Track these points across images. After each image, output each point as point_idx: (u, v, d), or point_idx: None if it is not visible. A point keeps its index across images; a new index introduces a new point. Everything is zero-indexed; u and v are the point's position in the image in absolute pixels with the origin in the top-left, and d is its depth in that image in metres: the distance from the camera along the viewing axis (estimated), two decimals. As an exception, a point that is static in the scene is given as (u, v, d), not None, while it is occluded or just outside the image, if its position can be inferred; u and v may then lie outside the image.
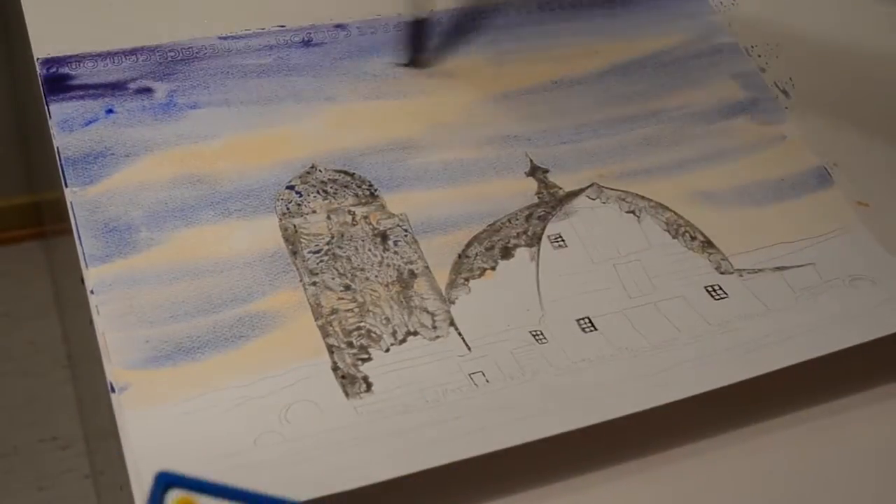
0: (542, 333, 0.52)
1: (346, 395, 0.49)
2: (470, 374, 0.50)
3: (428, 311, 0.52)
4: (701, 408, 0.51)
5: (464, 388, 0.50)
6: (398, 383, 0.49)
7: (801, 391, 0.54)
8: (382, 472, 0.45)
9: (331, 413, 0.48)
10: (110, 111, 0.56)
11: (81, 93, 0.56)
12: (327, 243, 0.54)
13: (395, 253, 0.54)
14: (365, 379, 0.49)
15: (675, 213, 0.59)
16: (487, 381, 0.50)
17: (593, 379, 0.51)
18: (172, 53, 0.59)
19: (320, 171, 0.57)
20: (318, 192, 0.56)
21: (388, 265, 0.54)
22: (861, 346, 0.54)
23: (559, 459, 0.50)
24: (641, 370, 0.51)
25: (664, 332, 0.53)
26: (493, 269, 0.55)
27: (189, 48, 0.60)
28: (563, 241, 0.56)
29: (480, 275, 0.54)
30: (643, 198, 0.59)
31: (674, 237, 0.58)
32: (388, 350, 0.51)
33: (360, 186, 0.56)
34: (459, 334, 0.52)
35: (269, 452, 0.46)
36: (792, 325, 0.54)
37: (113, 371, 0.47)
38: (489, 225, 0.56)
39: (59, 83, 0.56)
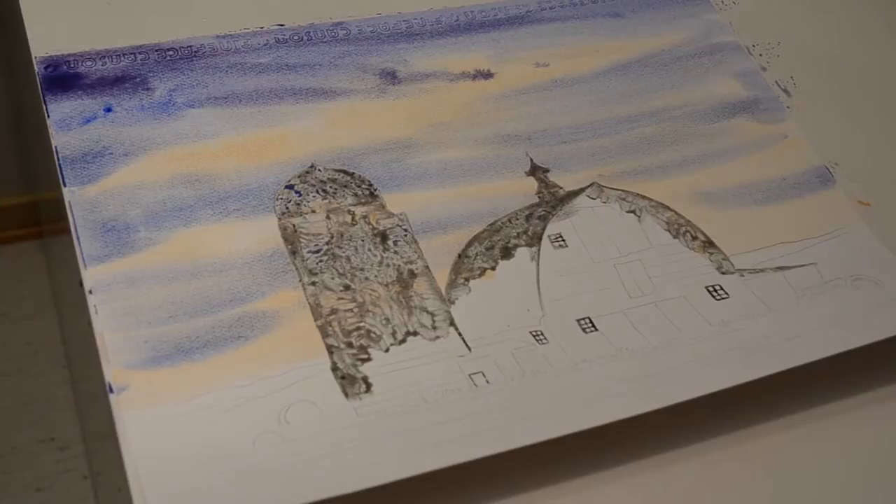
0: (542, 334, 0.52)
1: (346, 395, 0.48)
2: (470, 375, 0.50)
3: (428, 311, 0.52)
4: (701, 409, 0.51)
5: (463, 388, 0.49)
6: (398, 384, 0.49)
7: (802, 392, 0.54)
8: (382, 475, 0.45)
9: (330, 414, 0.48)
10: (109, 110, 0.56)
11: (80, 91, 0.56)
12: (327, 243, 0.54)
13: (395, 253, 0.54)
14: (364, 379, 0.49)
15: (676, 213, 0.58)
16: (488, 381, 0.50)
17: (594, 380, 0.51)
18: (171, 52, 0.59)
19: (319, 170, 0.56)
20: (317, 192, 0.55)
21: (388, 265, 0.53)
22: (863, 347, 0.53)
23: (559, 461, 0.49)
24: (642, 371, 0.51)
25: (665, 332, 0.53)
26: (493, 268, 0.54)
27: (188, 47, 0.59)
28: (563, 240, 0.56)
29: (480, 275, 0.54)
30: (644, 197, 0.59)
31: (675, 237, 0.57)
32: (387, 350, 0.50)
33: (359, 186, 0.56)
34: (459, 334, 0.52)
35: (267, 453, 0.46)
36: (794, 325, 0.54)
37: (111, 371, 0.47)
38: (489, 224, 0.56)
39: (57, 82, 0.56)
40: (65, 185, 0.53)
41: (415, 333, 0.51)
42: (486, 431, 0.48)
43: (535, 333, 0.52)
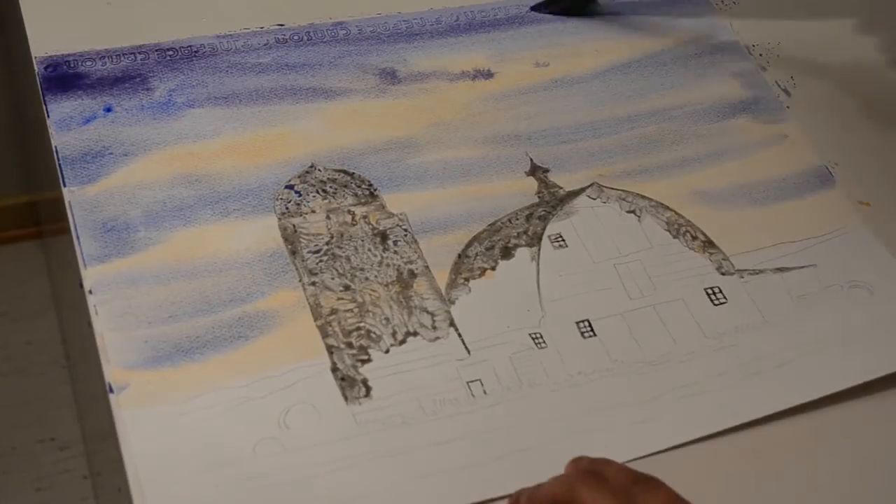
0: (541, 336, 0.52)
1: (346, 399, 0.48)
2: (468, 383, 0.50)
3: (428, 312, 0.52)
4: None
5: (461, 398, 0.49)
6: (397, 389, 0.49)
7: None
8: None
9: (330, 420, 0.47)
10: (109, 110, 0.56)
11: (80, 91, 0.56)
12: (327, 243, 0.54)
13: (395, 253, 0.54)
14: (364, 382, 0.49)
15: (676, 213, 0.58)
16: (485, 392, 0.50)
17: (587, 403, 0.50)
18: (171, 52, 0.59)
19: (319, 170, 0.56)
20: (317, 192, 0.55)
21: (388, 265, 0.53)
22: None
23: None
24: (633, 396, 0.51)
25: (660, 343, 0.53)
26: (493, 269, 0.54)
27: (188, 47, 0.59)
28: (563, 240, 0.56)
29: (480, 275, 0.54)
30: (644, 197, 0.59)
31: (675, 237, 0.57)
32: (387, 351, 0.50)
33: (359, 186, 0.56)
34: (459, 335, 0.51)
35: (268, 463, 0.46)
36: (789, 344, 0.54)
37: (111, 371, 0.47)
38: (489, 224, 0.56)
39: (57, 82, 0.56)
40: (65, 185, 0.53)
41: (415, 334, 0.51)
42: (479, 465, 0.47)
43: (534, 336, 0.52)
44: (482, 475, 0.47)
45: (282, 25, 0.62)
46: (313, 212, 0.55)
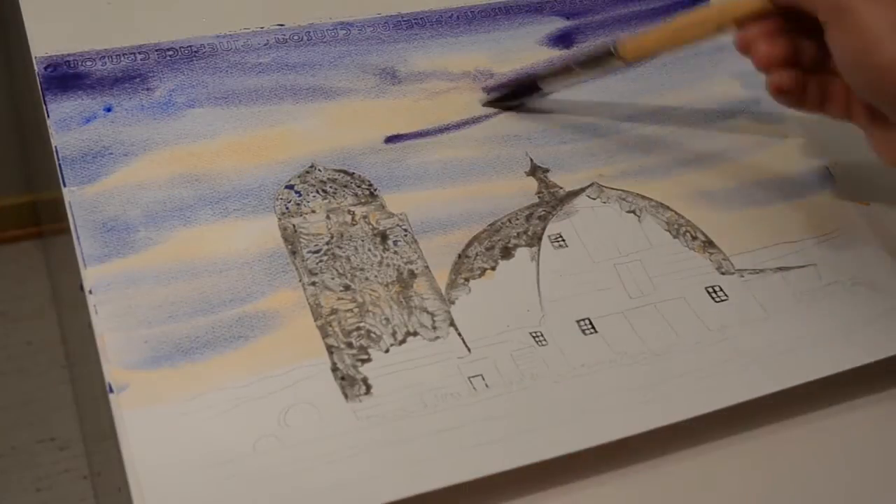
0: (542, 335, 0.52)
1: (346, 397, 0.48)
2: (469, 378, 0.50)
3: (428, 312, 0.52)
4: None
5: (462, 392, 0.49)
6: (397, 386, 0.49)
7: (802, 392, 0.54)
8: (380, 495, 0.45)
9: (330, 417, 0.47)
10: (109, 110, 0.56)
11: (80, 91, 0.56)
12: (327, 243, 0.54)
13: (395, 253, 0.54)
14: (364, 381, 0.49)
15: (676, 213, 0.58)
16: (487, 385, 0.50)
17: (592, 389, 0.50)
18: (171, 52, 0.59)
19: (319, 170, 0.56)
20: (317, 192, 0.55)
21: (388, 265, 0.53)
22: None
23: (559, 460, 0.49)
24: (638, 382, 0.51)
25: (664, 337, 0.53)
26: (493, 269, 0.54)
27: (188, 47, 0.59)
28: (563, 240, 0.56)
29: (480, 275, 0.54)
30: (644, 197, 0.59)
31: (675, 237, 0.57)
32: (387, 351, 0.50)
33: (359, 186, 0.56)
34: (459, 335, 0.51)
35: (268, 459, 0.46)
36: (791, 336, 0.54)
37: (111, 371, 0.47)
38: (489, 225, 0.56)
39: (57, 82, 0.56)
40: (65, 185, 0.53)
41: (415, 334, 0.51)
42: (485, 445, 0.47)
43: (534, 334, 0.52)
44: (485, 455, 0.47)
45: (282, 25, 0.62)
46: (313, 212, 0.55)
